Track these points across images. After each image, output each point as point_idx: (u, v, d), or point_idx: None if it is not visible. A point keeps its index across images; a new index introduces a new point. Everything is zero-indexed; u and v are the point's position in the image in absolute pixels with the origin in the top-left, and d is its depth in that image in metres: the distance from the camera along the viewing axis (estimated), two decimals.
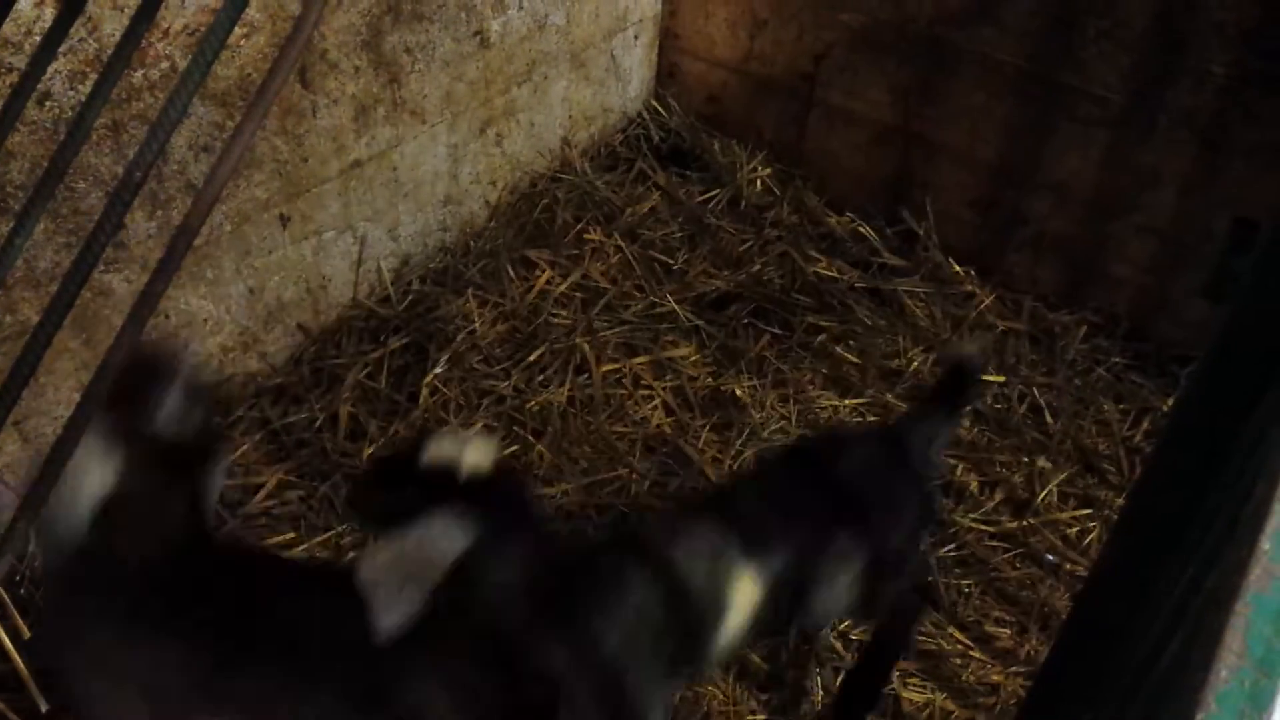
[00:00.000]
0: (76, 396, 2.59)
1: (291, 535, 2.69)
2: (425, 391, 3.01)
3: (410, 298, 3.30)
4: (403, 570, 1.73)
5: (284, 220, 2.92)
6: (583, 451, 2.94)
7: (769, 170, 3.85)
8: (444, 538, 1.73)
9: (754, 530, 2.05)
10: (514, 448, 2.92)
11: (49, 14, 2.19)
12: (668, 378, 3.16)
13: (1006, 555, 2.79)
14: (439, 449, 1.80)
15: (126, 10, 2.30)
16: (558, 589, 1.92)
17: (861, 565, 2.12)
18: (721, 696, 2.42)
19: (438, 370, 3.08)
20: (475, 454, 1.80)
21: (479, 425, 2.97)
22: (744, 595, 2.01)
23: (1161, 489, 1.46)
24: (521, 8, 3.32)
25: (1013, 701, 2.50)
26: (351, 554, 2.65)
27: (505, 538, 1.78)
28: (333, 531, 2.70)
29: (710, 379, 3.17)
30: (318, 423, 2.94)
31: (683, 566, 1.98)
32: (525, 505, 1.91)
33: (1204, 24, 2.94)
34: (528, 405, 3.03)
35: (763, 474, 2.38)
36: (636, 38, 3.88)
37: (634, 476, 2.87)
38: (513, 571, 1.80)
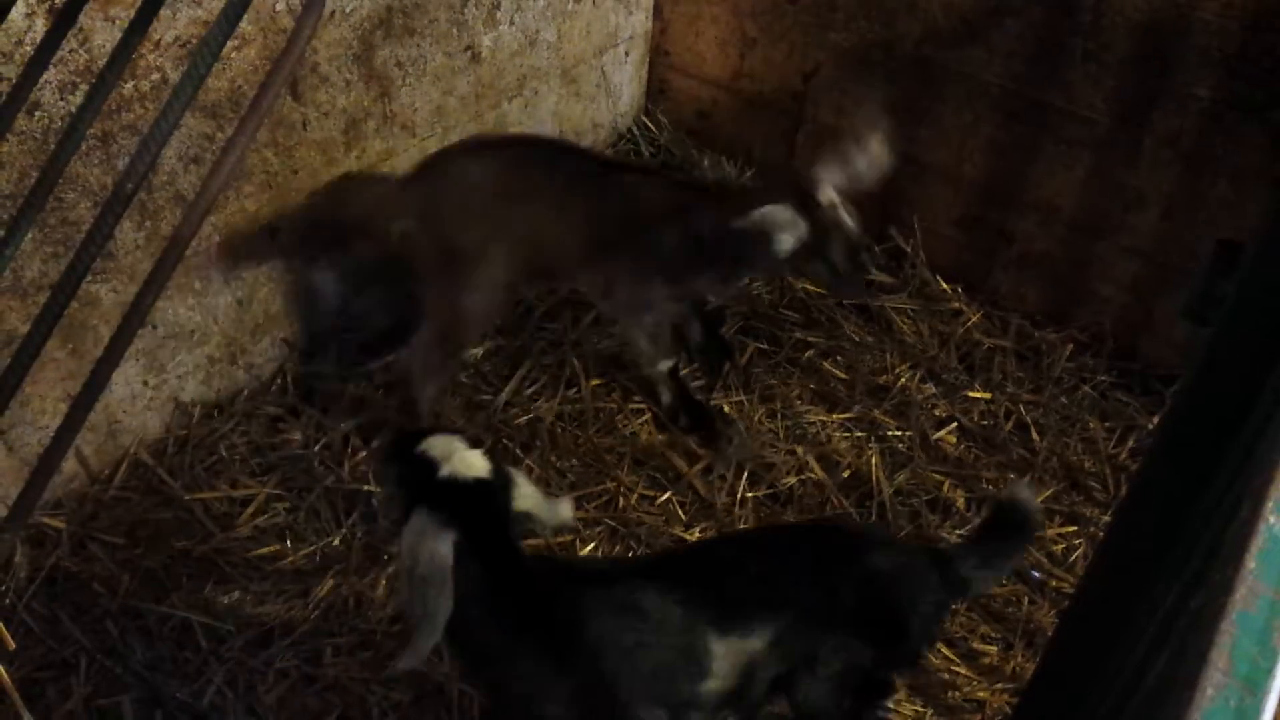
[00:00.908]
0: (63, 407, 2.59)
1: (276, 547, 2.68)
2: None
3: None
4: (413, 588, 1.75)
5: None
6: (570, 465, 2.93)
7: None
8: (424, 539, 1.75)
9: (742, 597, 2.02)
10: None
11: (40, 25, 2.19)
12: None
13: None
14: (432, 444, 1.86)
15: (118, 22, 2.30)
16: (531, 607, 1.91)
17: (850, 666, 2.07)
18: None
19: None
20: (460, 460, 1.83)
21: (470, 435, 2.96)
22: (722, 659, 1.98)
23: (1147, 507, 1.47)
24: (513, 23, 3.33)
25: (999, 719, 2.50)
26: (338, 565, 2.64)
27: (476, 547, 1.79)
28: (320, 544, 2.69)
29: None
30: (305, 435, 2.94)
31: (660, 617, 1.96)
32: (498, 517, 1.89)
33: (1189, 48, 2.98)
34: (516, 419, 3.03)
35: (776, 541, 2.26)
36: (627, 54, 3.90)
37: (622, 490, 2.87)
38: (480, 584, 1.81)
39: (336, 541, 2.70)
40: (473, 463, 1.84)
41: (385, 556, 2.65)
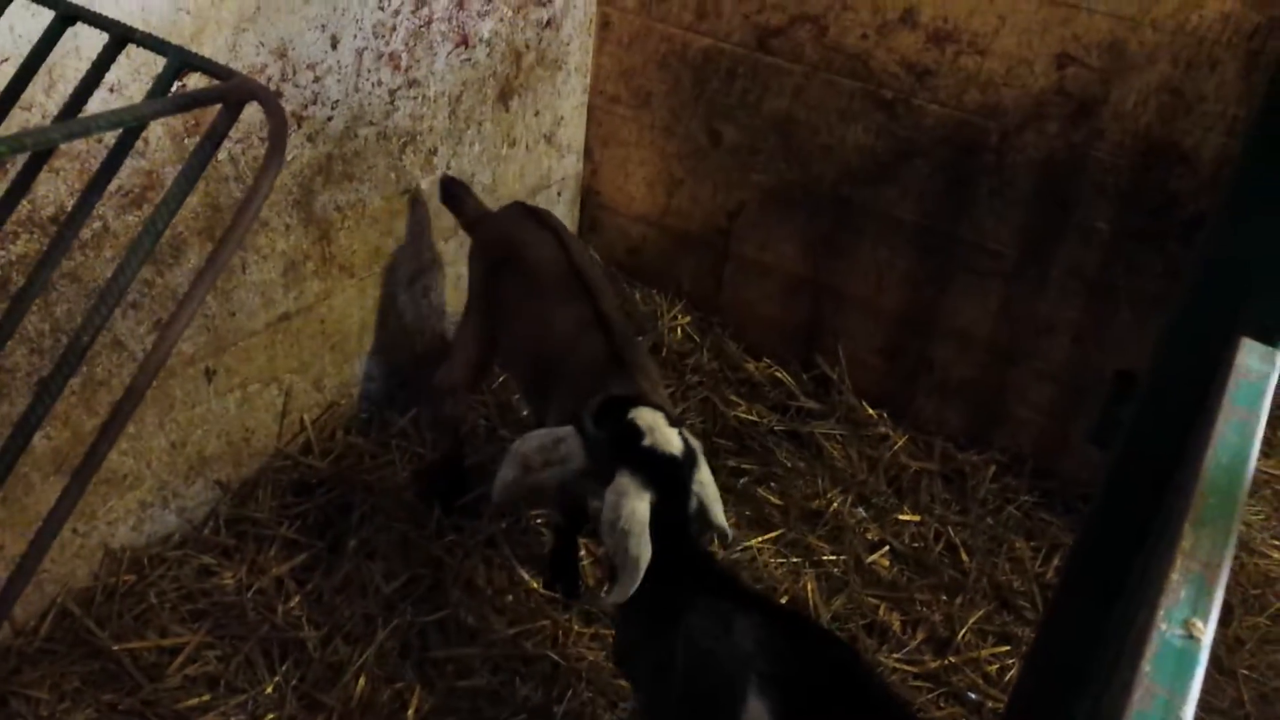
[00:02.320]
0: None
1: (207, 698, 2.61)
2: (353, 543, 2.99)
3: (335, 449, 3.31)
4: (616, 538, 2.09)
5: (209, 374, 2.94)
6: (505, 602, 2.93)
7: (688, 319, 3.99)
8: (627, 497, 2.08)
9: None
10: (440, 612, 2.90)
11: None
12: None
13: (931, 695, 2.83)
14: (640, 414, 2.18)
15: (62, 173, 2.36)
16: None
17: None
18: None
19: (361, 521, 3.07)
20: (662, 435, 2.15)
21: (403, 579, 2.94)
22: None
23: (1067, 623, 1.53)
24: (449, 168, 3.45)
25: None
26: (271, 716, 2.58)
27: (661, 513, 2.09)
28: (252, 693, 2.63)
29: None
30: (238, 579, 2.89)
31: None
32: (681, 492, 2.18)
33: (1086, 185, 3.19)
34: (453, 554, 3.02)
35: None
36: (559, 194, 4.05)
37: (559, 629, 2.87)
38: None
39: (270, 690, 2.64)
40: (671, 439, 2.15)
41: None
